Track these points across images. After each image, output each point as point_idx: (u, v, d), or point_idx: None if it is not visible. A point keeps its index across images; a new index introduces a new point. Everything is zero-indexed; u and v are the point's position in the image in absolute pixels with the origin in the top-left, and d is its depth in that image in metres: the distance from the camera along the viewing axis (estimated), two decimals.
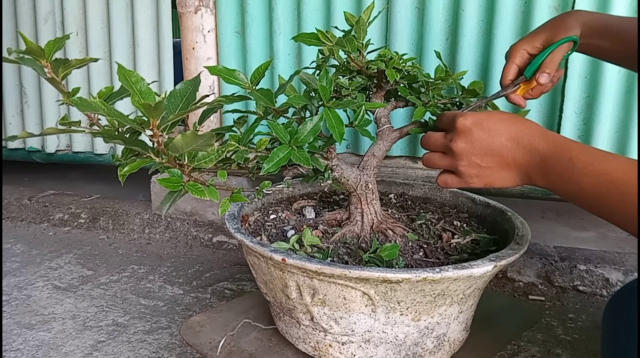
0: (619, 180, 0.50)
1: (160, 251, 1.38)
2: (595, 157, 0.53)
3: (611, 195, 0.51)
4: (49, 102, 1.67)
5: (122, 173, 0.57)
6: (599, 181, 0.52)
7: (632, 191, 0.49)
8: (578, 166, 0.54)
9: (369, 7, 0.72)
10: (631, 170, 0.50)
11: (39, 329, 0.97)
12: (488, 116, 0.61)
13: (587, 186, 0.53)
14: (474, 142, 0.60)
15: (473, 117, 0.61)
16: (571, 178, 0.54)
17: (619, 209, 0.50)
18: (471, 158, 0.61)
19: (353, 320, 0.68)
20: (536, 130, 0.59)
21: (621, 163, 0.52)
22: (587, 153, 0.54)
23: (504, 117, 0.61)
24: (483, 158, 0.60)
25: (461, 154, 0.61)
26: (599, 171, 0.52)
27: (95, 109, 0.49)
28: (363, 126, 0.73)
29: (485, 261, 0.65)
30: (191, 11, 1.35)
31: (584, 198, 0.54)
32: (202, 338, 0.84)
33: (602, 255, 1.15)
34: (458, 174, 0.63)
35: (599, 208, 0.53)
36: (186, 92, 0.55)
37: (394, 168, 1.27)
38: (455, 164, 0.62)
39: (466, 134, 0.61)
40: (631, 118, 1.09)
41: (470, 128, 0.60)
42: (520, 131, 0.59)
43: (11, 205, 1.67)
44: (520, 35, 1.13)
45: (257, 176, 0.71)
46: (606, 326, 0.51)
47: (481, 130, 0.60)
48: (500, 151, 0.59)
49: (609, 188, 0.51)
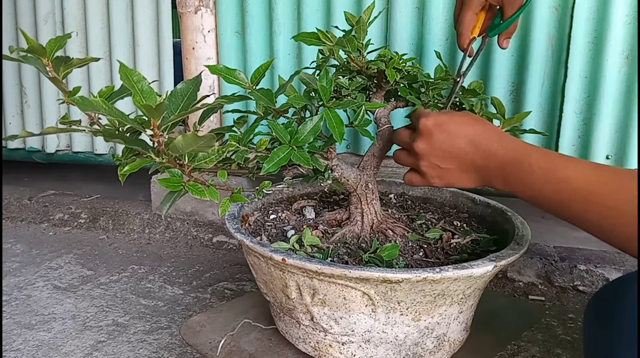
0: (581, 188, 0.49)
1: (160, 251, 1.38)
2: (555, 163, 0.53)
3: (573, 203, 0.50)
4: (49, 102, 1.67)
5: (123, 172, 0.57)
6: (559, 188, 0.51)
7: (595, 199, 0.48)
8: (538, 173, 0.53)
9: (369, 7, 0.72)
10: (593, 176, 0.49)
11: (39, 329, 0.97)
12: (449, 118, 0.61)
13: (548, 193, 0.52)
14: (434, 144, 0.61)
15: (434, 118, 0.61)
16: (532, 184, 0.54)
17: (583, 217, 0.50)
18: (431, 159, 0.61)
19: (353, 320, 0.68)
20: (495, 134, 0.59)
21: (583, 170, 0.51)
22: (546, 158, 0.54)
23: (465, 120, 0.61)
24: (442, 160, 0.61)
25: (422, 154, 0.62)
26: (559, 178, 0.51)
27: (96, 108, 0.48)
28: (363, 126, 0.73)
29: (485, 261, 0.65)
30: (191, 11, 1.35)
31: (546, 204, 0.54)
32: (202, 338, 0.84)
33: (602, 255, 1.15)
34: (420, 173, 0.64)
35: (563, 213, 0.52)
36: (187, 91, 0.55)
37: (394, 168, 1.27)
38: (417, 163, 0.63)
39: (427, 135, 0.61)
40: (631, 118, 1.09)
41: (431, 129, 0.61)
42: (479, 135, 0.59)
43: (11, 205, 1.67)
44: (520, 35, 1.13)
45: (257, 176, 0.71)
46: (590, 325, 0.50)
47: (441, 132, 0.60)
48: (459, 154, 0.60)
49: (570, 196, 0.50)
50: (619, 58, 1.07)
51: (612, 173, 0.49)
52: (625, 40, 1.06)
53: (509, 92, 1.18)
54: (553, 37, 1.11)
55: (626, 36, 1.06)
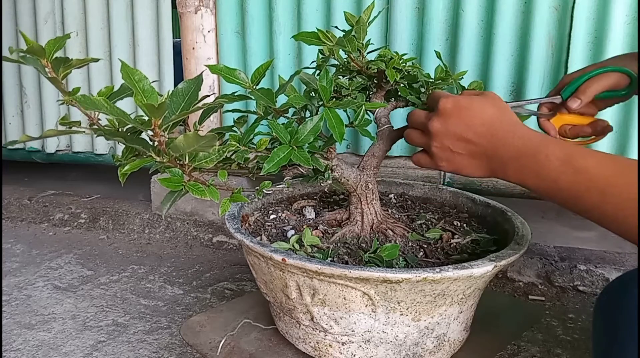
0: (599, 178, 0.49)
1: (160, 251, 1.38)
2: (573, 154, 0.52)
3: (590, 193, 0.50)
4: (49, 102, 1.67)
5: (123, 171, 0.57)
6: (577, 179, 0.51)
7: (612, 190, 0.48)
8: (555, 164, 0.52)
9: (369, 7, 0.72)
10: (611, 167, 0.49)
11: (39, 329, 0.97)
12: (470, 102, 0.60)
13: (564, 184, 0.52)
14: (450, 125, 0.60)
15: (455, 100, 0.60)
16: (547, 175, 0.53)
17: (598, 208, 0.49)
18: (444, 140, 0.60)
19: (353, 320, 0.68)
20: (512, 124, 0.58)
21: (600, 161, 0.50)
22: (564, 149, 0.53)
23: (485, 106, 0.59)
24: (455, 143, 0.60)
25: (436, 134, 0.61)
26: (577, 169, 0.51)
27: (98, 107, 0.48)
28: (363, 126, 0.73)
29: (485, 261, 0.65)
30: (191, 11, 1.35)
31: (559, 196, 0.53)
32: (202, 338, 0.84)
33: (602, 255, 1.15)
34: (430, 155, 0.63)
35: (577, 205, 0.52)
36: (188, 91, 0.55)
37: (394, 168, 1.27)
38: (429, 143, 0.62)
39: (444, 116, 0.60)
40: (631, 118, 1.09)
41: (450, 111, 0.60)
42: (496, 123, 0.58)
43: (11, 205, 1.67)
44: (520, 35, 1.13)
45: (257, 176, 0.71)
46: (598, 321, 0.50)
47: (459, 115, 0.59)
48: (472, 139, 0.59)
49: (587, 187, 0.50)
50: None
51: (630, 164, 0.49)
52: (625, 40, 1.06)
53: (509, 92, 1.18)
54: (553, 37, 1.11)
55: (626, 36, 1.06)
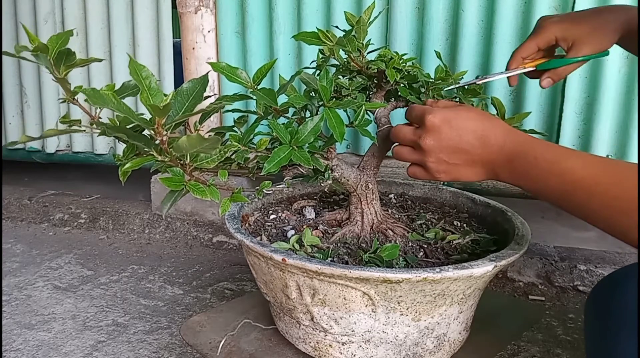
0: (585, 178, 0.51)
1: (160, 251, 1.37)
2: (560, 155, 0.55)
3: (577, 193, 0.52)
4: (49, 102, 1.67)
5: (124, 169, 0.57)
6: (564, 179, 0.53)
7: (598, 189, 0.50)
8: (543, 165, 0.55)
9: (370, 7, 0.72)
10: (597, 167, 0.51)
11: (39, 329, 0.97)
12: (456, 114, 0.62)
13: (553, 184, 0.54)
14: (442, 140, 0.61)
15: (442, 114, 0.61)
16: (538, 176, 0.56)
17: (585, 206, 0.52)
18: (439, 155, 0.62)
19: (353, 320, 0.68)
20: (502, 129, 0.60)
21: (587, 161, 0.52)
22: (551, 150, 0.56)
23: (471, 116, 0.62)
24: (451, 155, 0.61)
25: (430, 151, 0.62)
26: (564, 169, 0.53)
27: (106, 102, 0.48)
28: (363, 126, 0.73)
29: (485, 261, 0.65)
30: (191, 11, 1.35)
31: (551, 196, 0.55)
32: (202, 338, 0.84)
33: (602, 255, 1.15)
34: (426, 169, 0.64)
35: (567, 205, 0.54)
36: (193, 91, 0.55)
37: (394, 168, 1.27)
38: (424, 160, 0.63)
39: (434, 131, 0.61)
40: (631, 118, 1.09)
41: (439, 126, 0.61)
42: (488, 130, 0.60)
43: (11, 205, 1.67)
44: (521, 35, 1.13)
45: (257, 176, 0.71)
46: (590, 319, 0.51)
47: (449, 128, 0.61)
48: (468, 149, 0.61)
49: (574, 186, 0.52)
50: (619, 58, 1.08)
51: (615, 164, 0.52)
52: None
53: (509, 93, 1.18)
54: None
55: None
